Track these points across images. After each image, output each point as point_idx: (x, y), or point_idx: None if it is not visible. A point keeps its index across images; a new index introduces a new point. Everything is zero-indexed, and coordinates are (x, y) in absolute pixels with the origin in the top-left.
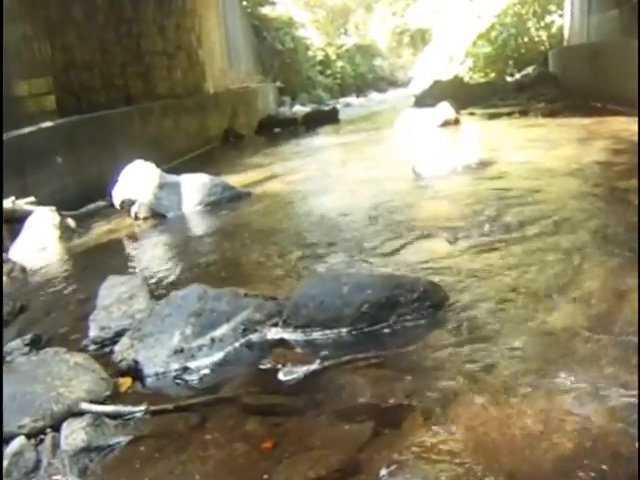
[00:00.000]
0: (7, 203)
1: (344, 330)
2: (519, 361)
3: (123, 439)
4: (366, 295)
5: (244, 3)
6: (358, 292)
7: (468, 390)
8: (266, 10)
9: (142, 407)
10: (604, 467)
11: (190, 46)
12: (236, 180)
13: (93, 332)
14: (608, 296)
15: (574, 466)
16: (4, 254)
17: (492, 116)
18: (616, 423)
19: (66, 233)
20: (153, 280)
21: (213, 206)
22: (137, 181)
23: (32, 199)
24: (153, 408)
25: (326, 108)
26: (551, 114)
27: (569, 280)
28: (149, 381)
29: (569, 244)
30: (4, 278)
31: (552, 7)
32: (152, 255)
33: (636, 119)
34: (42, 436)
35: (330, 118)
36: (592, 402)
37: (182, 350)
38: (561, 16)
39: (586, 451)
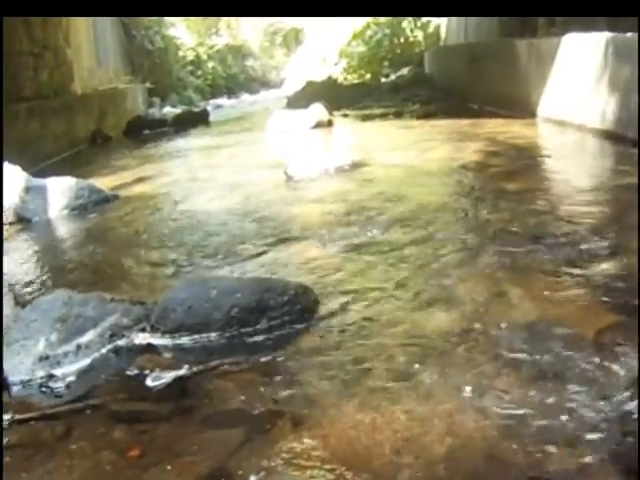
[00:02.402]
0: None
1: (213, 335)
2: (390, 364)
3: None
4: (235, 299)
5: None
6: (227, 296)
7: (338, 394)
8: None
9: (7, 416)
10: (474, 468)
11: (57, 45)
12: (103, 183)
13: None
14: (478, 297)
15: (443, 468)
16: None
17: (366, 118)
18: (486, 424)
19: None
20: (18, 286)
21: (80, 210)
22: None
23: None
24: (18, 417)
25: (196, 109)
26: (426, 116)
27: (439, 281)
28: (14, 389)
29: (440, 246)
30: None
31: None
32: (17, 260)
33: (512, 121)
34: None
35: (200, 120)
36: (462, 405)
37: (47, 357)
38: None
39: (457, 453)
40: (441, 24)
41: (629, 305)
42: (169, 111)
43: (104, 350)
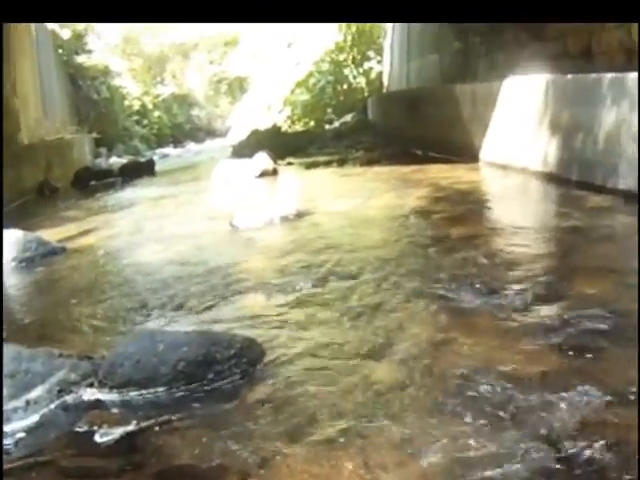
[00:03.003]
0: None
1: (161, 389)
2: (337, 416)
3: None
4: (182, 353)
5: (59, 51)
6: (174, 350)
7: (286, 447)
8: (82, 58)
9: None
10: None
11: (4, 94)
12: (51, 235)
13: None
14: (422, 346)
15: None
16: None
17: (310, 165)
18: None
19: None
20: None
21: (27, 262)
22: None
23: None
24: None
25: (142, 159)
26: (369, 162)
27: (384, 331)
28: None
29: (384, 294)
30: None
31: (371, 53)
32: None
33: (455, 166)
34: None
35: (146, 170)
36: (412, 453)
37: None
38: (380, 62)
39: None
40: (384, 70)
41: (575, 346)
42: (116, 161)
43: (52, 406)
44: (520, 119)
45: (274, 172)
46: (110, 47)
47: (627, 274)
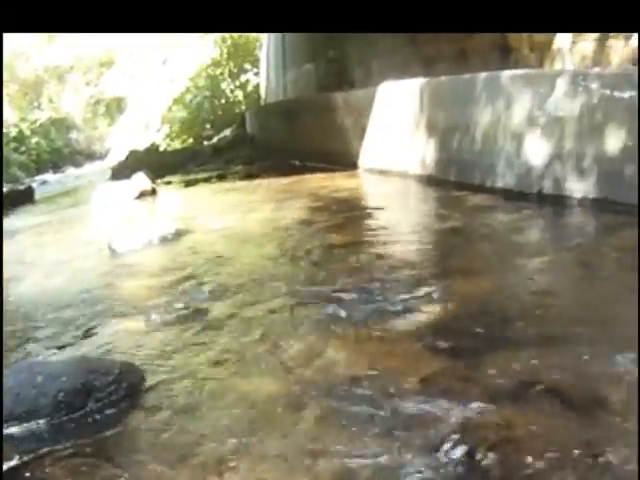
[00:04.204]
0: None
1: (41, 421)
2: (224, 435)
3: None
4: (61, 383)
5: None
6: (53, 380)
7: (171, 471)
8: None
9: None
10: None
11: None
12: None
13: None
14: (304, 359)
15: None
16: None
17: (189, 183)
18: None
19: None
20: None
21: None
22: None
23: None
24: None
25: (21, 187)
26: (248, 176)
27: (266, 347)
28: None
29: (264, 308)
30: None
31: (247, 66)
32: None
33: (334, 174)
34: None
35: (26, 198)
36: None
37: None
38: (257, 74)
39: None
40: (261, 82)
41: (456, 348)
42: None
43: None
44: (397, 124)
45: (153, 192)
46: None
47: (507, 270)
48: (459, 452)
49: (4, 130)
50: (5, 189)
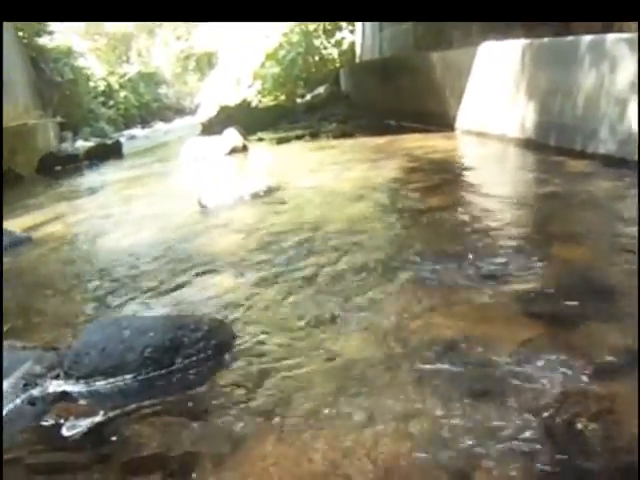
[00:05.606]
0: None
1: (128, 377)
2: (312, 395)
3: None
4: (148, 338)
5: (20, 34)
6: (140, 336)
7: (259, 430)
8: (44, 40)
9: None
10: None
11: None
12: (16, 224)
13: None
14: (399, 322)
15: None
16: None
17: (282, 140)
18: (407, 447)
19: None
20: None
21: None
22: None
23: None
24: None
25: (109, 142)
26: (343, 135)
27: (358, 305)
28: None
29: (359, 268)
30: None
31: (343, 23)
32: None
33: (430, 135)
34: None
35: (113, 152)
36: (391, 429)
37: None
38: (352, 32)
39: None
40: (356, 40)
41: (555, 315)
42: (82, 145)
43: (18, 401)
44: (496, 85)
45: (244, 148)
46: (73, 27)
47: (607, 239)
48: (558, 419)
49: (92, 84)
50: (92, 143)
